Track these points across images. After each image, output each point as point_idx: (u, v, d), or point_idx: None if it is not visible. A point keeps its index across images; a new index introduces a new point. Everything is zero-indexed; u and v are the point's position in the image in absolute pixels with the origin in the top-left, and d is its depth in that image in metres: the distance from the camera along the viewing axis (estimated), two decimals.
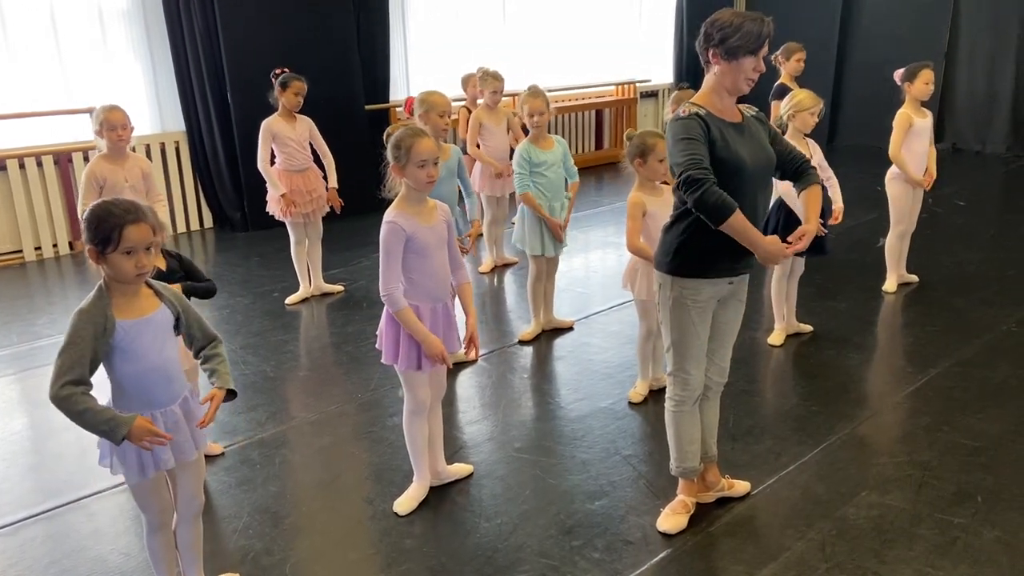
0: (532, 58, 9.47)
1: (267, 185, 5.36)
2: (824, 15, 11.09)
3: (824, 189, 4.35)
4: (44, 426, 3.94)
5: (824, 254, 4.52)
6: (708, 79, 2.70)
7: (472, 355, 3.12)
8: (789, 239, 2.68)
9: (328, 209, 5.49)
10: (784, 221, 4.36)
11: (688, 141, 2.56)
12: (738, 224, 2.55)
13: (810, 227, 2.73)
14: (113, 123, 4.23)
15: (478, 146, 6.01)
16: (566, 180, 4.63)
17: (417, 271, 2.95)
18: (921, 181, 5.14)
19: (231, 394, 2.42)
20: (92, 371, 2.19)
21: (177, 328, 2.38)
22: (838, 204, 4.54)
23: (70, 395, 2.11)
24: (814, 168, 2.89)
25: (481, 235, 6.01)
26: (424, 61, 8.79)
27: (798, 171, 2.85)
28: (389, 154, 2.93)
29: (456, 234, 3.27)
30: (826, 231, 4.30)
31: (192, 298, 2.92)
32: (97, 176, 4.27)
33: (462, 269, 3.16)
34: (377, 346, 3.09)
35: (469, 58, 8.23)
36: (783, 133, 4.07)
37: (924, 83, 5.00)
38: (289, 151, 5.29)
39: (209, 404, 2.36)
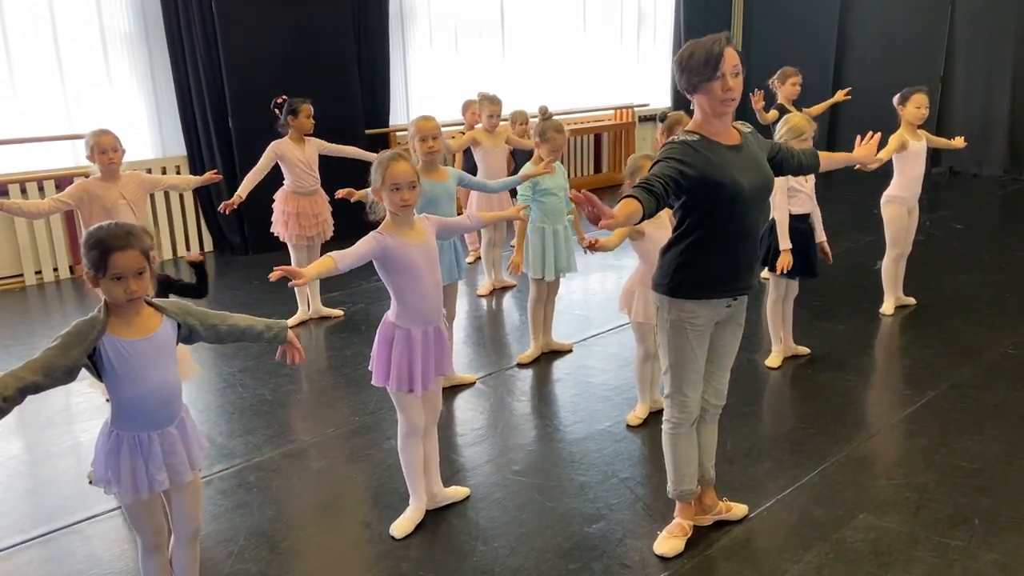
0: (531, 82, 9.53)
1: (274, 206, 5.48)
2: (821, 40, 11.17)
3: (808, 216, 4.42)
4: (40, 450, 3.94)
5: (815, 277, 4.54)
6: (695, 108, 2.74)
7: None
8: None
9: (331, 235, 5.53)
10: (778, 242, 4.38)
11: (659, 163, 2.60)
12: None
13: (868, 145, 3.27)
14: (103, 147, 4.22)
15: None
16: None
17: (408, 292, 2.95)
18: (913, 208, 5.26)
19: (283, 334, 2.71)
20: (69, 378, 2.19)
21: (190, 338, 2.41)
22: (821, 238, 4.52)
23: (4, 383, 2.08)
24: (810, 151, 3.20)
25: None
26: (424, 86, 8.86)
27: (805, 160, 3.06)
28: (371, 176, 2.95)
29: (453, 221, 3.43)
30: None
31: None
32: (85, 189, 4.19)
33: (462, 217, 3.36)
34: (369, 367, 3.09)
35: (469, 83, 8.30)
36: None
37: (916, 107, 5.07)
38: (297, 172, 5.36)
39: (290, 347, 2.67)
